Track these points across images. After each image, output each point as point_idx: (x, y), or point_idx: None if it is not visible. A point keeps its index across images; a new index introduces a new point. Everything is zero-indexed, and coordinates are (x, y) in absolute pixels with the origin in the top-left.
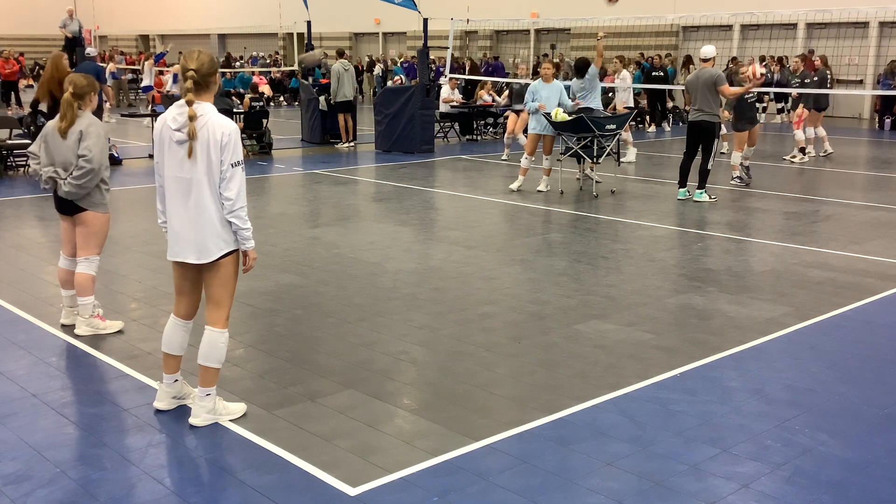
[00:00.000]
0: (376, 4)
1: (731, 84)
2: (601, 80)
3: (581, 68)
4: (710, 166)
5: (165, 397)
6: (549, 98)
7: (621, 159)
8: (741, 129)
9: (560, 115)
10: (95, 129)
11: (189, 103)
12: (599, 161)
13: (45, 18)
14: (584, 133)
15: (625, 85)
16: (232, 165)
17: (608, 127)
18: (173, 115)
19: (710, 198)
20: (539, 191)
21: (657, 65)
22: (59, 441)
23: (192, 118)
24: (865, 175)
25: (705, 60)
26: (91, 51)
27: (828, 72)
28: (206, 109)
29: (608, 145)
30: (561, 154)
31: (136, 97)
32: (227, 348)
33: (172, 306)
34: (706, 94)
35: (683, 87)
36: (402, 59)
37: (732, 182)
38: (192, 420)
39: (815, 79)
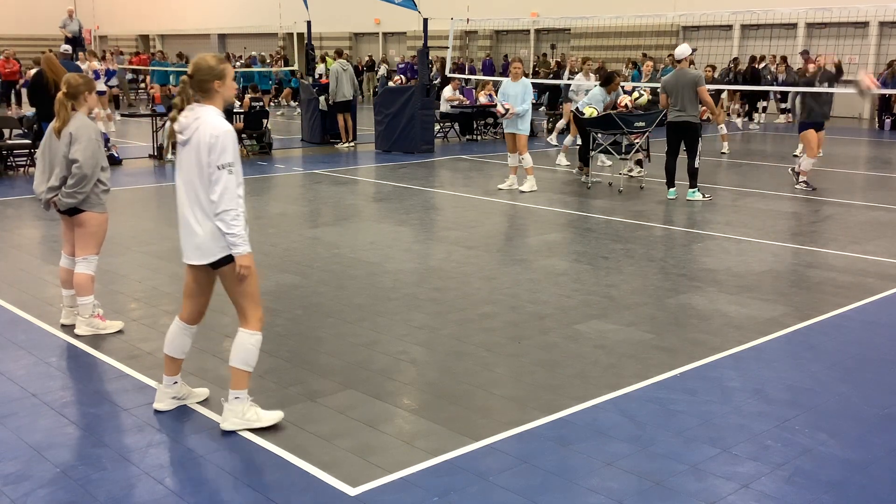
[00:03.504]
0: (376, 4)
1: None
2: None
3: (607, 80)
4: (697, 164)
5: (165, 398)
6: (516, 95)
7: (520, 188)
8: (811, 129)
9: (590, 112)
10: (86, 131)
11: (176, 107)
12: (628, 157)
13: (45, 18)
14: (613, 130)
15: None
16: (219, 168)
17: (637, 125)
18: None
19: (704, 196)
20: (521, 191)
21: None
22: (59, 441)
23: (172, 120)
24: (865, 175)
25: (679, 61)
26: (66, 48)
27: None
28: (203, 112)
29: (637, 142)
30: (592, 150)
31: (136, 97)
32: (258, 352)
33: (173, 306)
34: (688, 96)
35: (659, 87)
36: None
37: (797, 187)
38: (222, 424)
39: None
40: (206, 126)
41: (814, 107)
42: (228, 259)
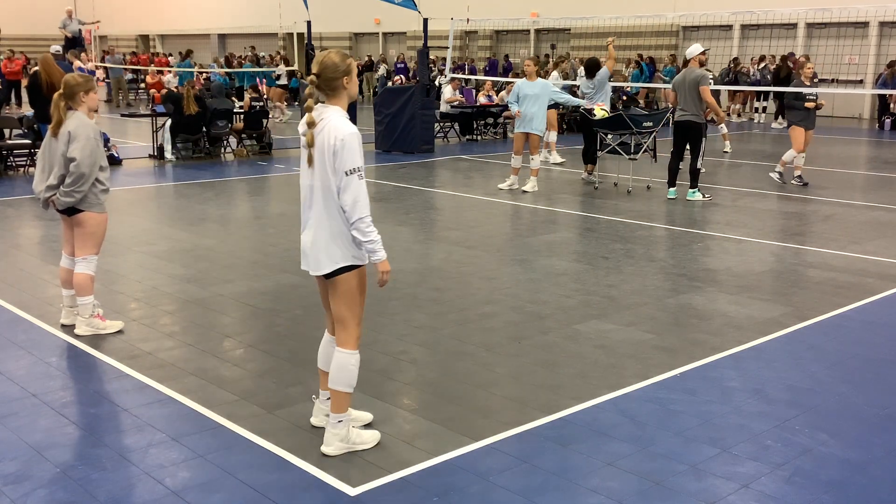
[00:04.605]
0: (376, 4)
1: (791, 82)
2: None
3: (591, 68)
4: (699, 165)
5: (320, 413)
6: (538, 96)
7: (523, 188)
8: (799, 126)
9: (601, 113)
10: (84, 130)
11: (308, 109)
12: (636, 157)
13: (45, 18)
14: (622, 130)
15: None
16: (346, 173)
17: (645, 124)
18: (303, 119)
19: (704, 196)
20: (524, 191)
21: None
22: (59, 441)
23: (310, 125)
24: (865, 175)
25: (689, 60)
26: (56, 48)
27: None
28: (329, 114)
29: (645, 142)
30: (599, 151)
31: (136, 97)
32: (357, 371)
33: (173, 306)
34: (692, 95)
35: (671, 86)
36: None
37: (793, 182)
38: (324, 448)
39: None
40: (331, 129)
41: (804, 111)
42: (340, 271)
